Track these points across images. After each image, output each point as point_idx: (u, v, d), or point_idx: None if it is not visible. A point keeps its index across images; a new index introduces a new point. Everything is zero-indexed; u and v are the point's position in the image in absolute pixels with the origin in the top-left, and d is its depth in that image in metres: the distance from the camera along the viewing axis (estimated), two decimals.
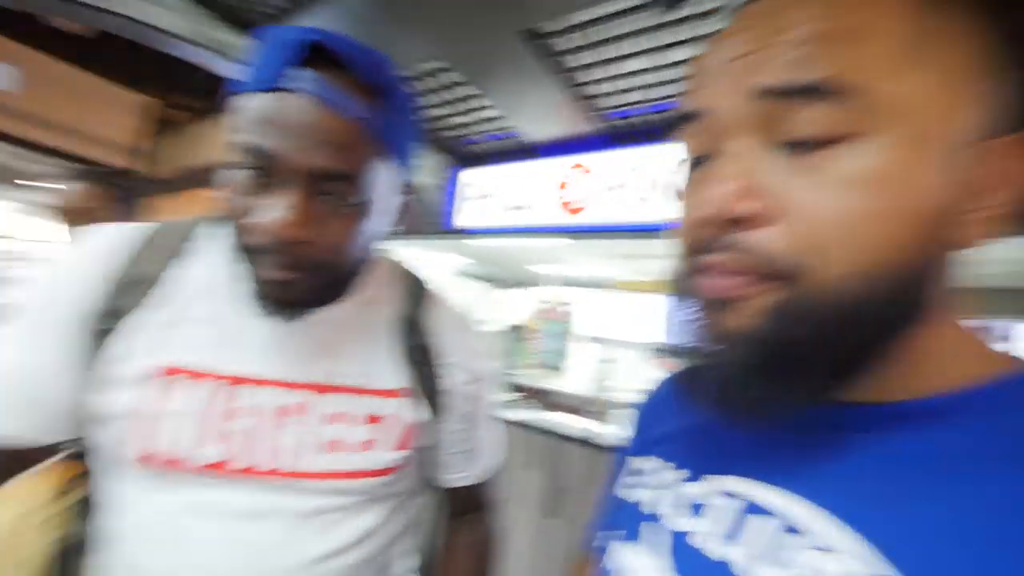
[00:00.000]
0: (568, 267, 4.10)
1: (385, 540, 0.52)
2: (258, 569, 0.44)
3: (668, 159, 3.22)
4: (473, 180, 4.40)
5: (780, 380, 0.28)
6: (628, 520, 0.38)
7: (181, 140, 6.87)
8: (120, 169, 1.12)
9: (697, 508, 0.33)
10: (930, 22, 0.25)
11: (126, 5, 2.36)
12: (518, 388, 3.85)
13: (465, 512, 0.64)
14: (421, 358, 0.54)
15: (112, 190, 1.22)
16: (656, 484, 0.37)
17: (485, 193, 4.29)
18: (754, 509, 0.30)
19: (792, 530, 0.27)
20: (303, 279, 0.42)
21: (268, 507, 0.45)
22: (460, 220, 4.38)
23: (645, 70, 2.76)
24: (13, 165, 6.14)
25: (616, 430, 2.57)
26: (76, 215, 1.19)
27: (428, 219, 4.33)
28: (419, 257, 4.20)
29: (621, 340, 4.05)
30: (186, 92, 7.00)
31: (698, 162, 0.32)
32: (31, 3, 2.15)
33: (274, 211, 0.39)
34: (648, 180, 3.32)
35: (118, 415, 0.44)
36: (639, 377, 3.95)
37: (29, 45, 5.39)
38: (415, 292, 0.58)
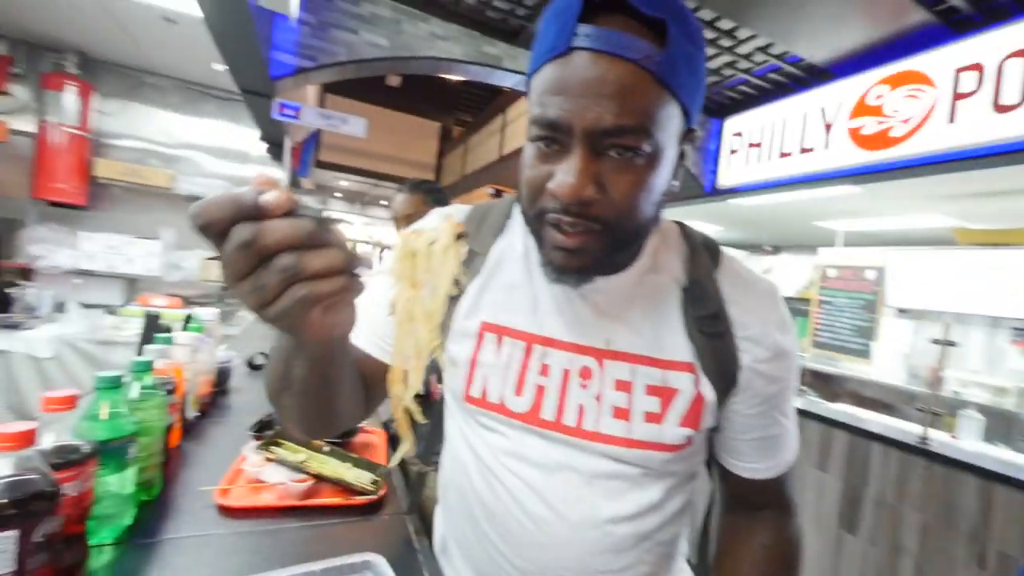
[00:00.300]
0: (872, 220, 3.18)
1: (666, 518, 0.50)
2: (553, 517, 0.47)
3: None
4: (736, 130, 3.82)
5: None
6: None
7: (459, 152, 8.41)
8: (427, 180, 1.46)
9: None
10: None
11: (423, 48, 2.99)
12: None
13: (758, 508, 0.56)
14: (713, 330, 0.47)
15: (426, 196, 1.52)
16: None
17: (752, 143, 3.64)
18: None
19: None
20: (592, 243, 0.40)
21: (563, 461, 0.48)
22: (724, 179, 3.87)
23: None
24: (366, 192, 8.73)
25: (959, 436, 1.89)
26: (405, 220, 1.53)
27: (685, 182, 4.02)
28: None
29: (962, 313, 2.93)
30: (461, 110, 8.52)
31: None
32: (367, 69, 3.00)
33: (559, 176, 0.39)
34: None
35: (454, 362, 0.50)
36: (995, 365, 2.81)
37: (369, 102, 7.51)
38: (707, 257, 0.51)
